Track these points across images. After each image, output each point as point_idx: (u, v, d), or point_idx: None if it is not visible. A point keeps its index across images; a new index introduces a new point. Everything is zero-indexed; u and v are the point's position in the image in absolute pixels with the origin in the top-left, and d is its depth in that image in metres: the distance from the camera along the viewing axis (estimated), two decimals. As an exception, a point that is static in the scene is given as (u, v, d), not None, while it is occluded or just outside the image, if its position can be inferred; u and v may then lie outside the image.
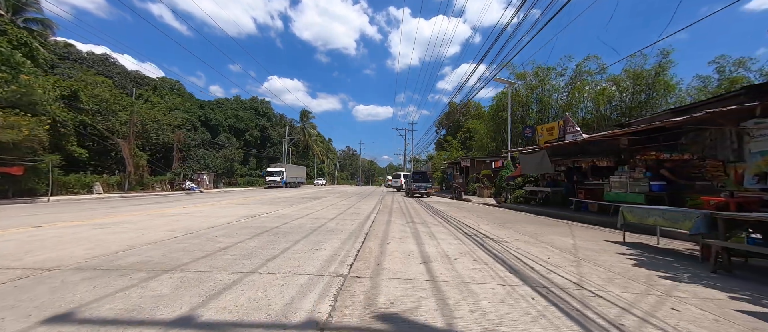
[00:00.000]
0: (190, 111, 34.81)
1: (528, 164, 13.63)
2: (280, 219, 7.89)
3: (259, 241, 5.12)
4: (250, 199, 15.81)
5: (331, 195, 21.97)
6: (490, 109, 29.42)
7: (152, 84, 36.57)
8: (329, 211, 10.41)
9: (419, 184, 21.05)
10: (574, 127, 12.28)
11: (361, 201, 16.55)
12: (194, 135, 33.41)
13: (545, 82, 25.55)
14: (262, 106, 57.06)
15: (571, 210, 11.11)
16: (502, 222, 8.60)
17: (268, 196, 18.94)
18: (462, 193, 18.87)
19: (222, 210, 10.15)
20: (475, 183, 21.21)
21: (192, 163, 31.93)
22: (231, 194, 22.36)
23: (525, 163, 13.85)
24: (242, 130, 47.32)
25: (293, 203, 13.56)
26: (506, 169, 18.34)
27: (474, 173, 21.74)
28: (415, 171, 23.09)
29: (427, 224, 7.86)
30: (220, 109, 44.54)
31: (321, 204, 13.52)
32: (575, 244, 5.54)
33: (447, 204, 15.25)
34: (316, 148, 79.07)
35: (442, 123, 59.35)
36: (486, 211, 12.03)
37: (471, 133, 31.24)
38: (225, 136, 39.75)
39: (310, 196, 19.38)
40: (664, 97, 23.36)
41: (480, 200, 18.04)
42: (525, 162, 13.83)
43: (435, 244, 5.24)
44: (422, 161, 78.34)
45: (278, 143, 56.04)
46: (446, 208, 12.90)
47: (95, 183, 20.09)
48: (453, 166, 27.44)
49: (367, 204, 14.47)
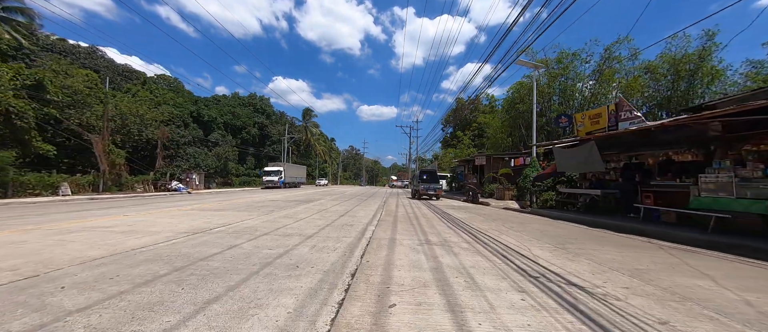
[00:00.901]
0: (181, 106, 32.58)
1: (567, 161, 10.94)
2: (233, 238, 5.35)
3: (128, 303, 2.57)
4: (229, 203, 13.33)
5: (328, 197, 19.44)
6: (505, 102, 26.71)
7: (142, 78, 34.44)
8: (313, 222, 7.85)
9: (428, 185, 18.43)
10: (632, 112, 9.55)
11: (360, 204, 13.99)
12: (184, 132, 31.15)
13: (568, 69, 22.74)
14: (261, 103, 54.84)
15: (631, 219, 8.42)
16: (558, 241, 5.95)
17: (253, 199, 16.47)
18: (478, 195, 16.21)
19: (166, 220, 7.64)
20: (491, 184, 18.53)
21: (181, 161, 29.66)
22: (217, 196, 19.95)
23: (563, 160, 11.17)
24: (239, 128, 45.07)
25: (275, 208, 11.05)
26: (531, 168, 15.65)
27: (490, 172, 19.06)
28: (422, 169, 20.47)
29: (449, 245, 5.25)
30: (216, 106, 42.34)
31: (308, 210, 10.98)
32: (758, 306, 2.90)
33: (464, 210, 12.61)
34: (318, 147, 76.84)
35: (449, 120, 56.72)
36: (518, 221, 9.37)
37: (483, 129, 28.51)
38: (219, 134, 37.49)
39: (303, 199, 16.87)
40: (709, 85, 20.40)
41: (500, 204, 15.37)
42: (563, 158, 11.15)
43: (482, 304, 2.65)
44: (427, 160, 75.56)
45: (278, 142, 53.77)
46: (466, 215, 10.27)
47: (62, 183, 17.80)
48: (464, 164, 24.77)
49: (366, 209, 11.90)
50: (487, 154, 19.38)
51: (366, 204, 14.06)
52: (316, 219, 8.25)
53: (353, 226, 7.18)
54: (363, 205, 13.57)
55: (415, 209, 12.42)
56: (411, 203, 15.89)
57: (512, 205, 15.26)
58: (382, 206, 13.48)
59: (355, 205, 13.38)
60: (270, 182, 36.86)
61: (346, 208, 11.79)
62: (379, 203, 15.19)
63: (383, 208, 12.35)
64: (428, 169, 21.64)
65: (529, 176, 15.35)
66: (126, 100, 25.70)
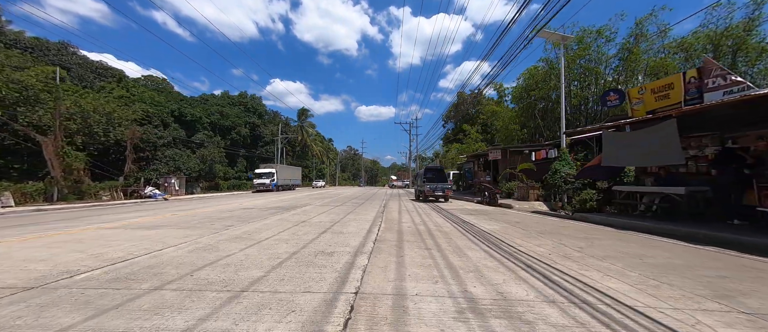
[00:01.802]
0: (161, 105, 29.79)
1: (624, 149, 8.24)
2: (62, 312, 2.62)
3: None
4: (188, 214, 10.62)
5: (318, 201, 16.71)
6: (516, 91, 24.02)
7: (117, 75, 31.65)
8: (275, 249, 5.15)
9: (434, 184, 15.72)
10: (728, 77, 6.85)
11: (354, 211, 11.27)
12: (163, 132, 28.36)
13: (589, 49, 20.05)
14: (253, 102, 52.11)
15: (740, 227, 5.71)
16: (707, 285, 3.23)
17: (226, 207, 13.74)
18: (496, 195, 13.50)
19: (32, 250, 4.91)
20: (509, 182, 15.83)
21: (159, 164, 26.88)
22: (191, 202, 17.23)
23: (616, 149, 8.47)
24: (228, 128, 42.31)
25: (238, 222, 8.33)
26: (561, 161, 12.97)
27: (507, 168, 16.36)
28: (427, 167, 17.75)
29: (518, 312, 2.52)
30: (202, 105, 39.57)
31: (282, 223, 8.27)
32: None
33: (485, 216, 9.89)
34: (315, 148, 74.17)
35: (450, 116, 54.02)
36: (568, 233, 6.65)
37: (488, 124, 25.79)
38: (205, 134, 34.70)
39: (286, 205, 14.14)
40: (754, 64, 17.71)
41: (524, 205, 12.66)
42: (616, 147, 8.45)
43: None
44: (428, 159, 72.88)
45: (271, 142, 51.05)
46: (495, 226, 7.55)
47: (4, 192, 15.05)
48: (473, 160, 22.05)
49: (359, 219, 9.19)
50: (502, 147, 16.70)
51: (361, 211, 11.33)
52: (283, 242, 5.52)
53: (334, 256, 4.45)
54: (357, 212, 10.84)
55: (423, 216, 9.70)
56: (416, 207, 13.17)
57: (540, 207, 12.55)
58: (381, 213, 10.74)
59: (348, 213, 10.65)
60: (261, 185, 34.16)
61: (334, 218, 9.06)
62: (377, 209, 12.46)
63: (383, 217, 9.62)
64: (434, 166, 18.94)
65: (558, 172, 12.66)
66: (90, 96, 22.89)
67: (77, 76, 28.70)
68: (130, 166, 22.69)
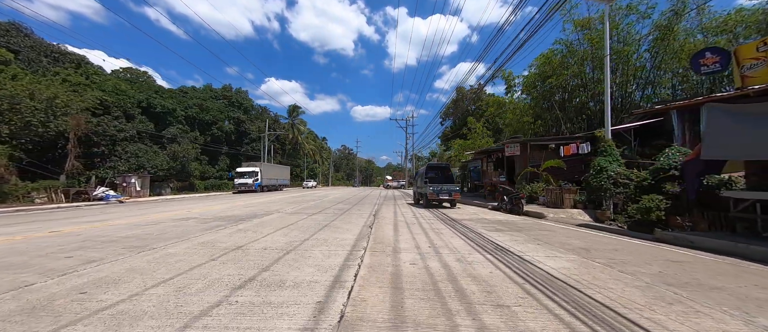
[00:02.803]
0: (123, 93, 26.15)
1: (745, 135, 5.16)
2: None
3: None
4: (80, 227, 7.33)
5: (293, 207, 13.50)
6: (527, 80, 20.99)
7: (76, 61, 27.95)
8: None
9: (439, 186, 12.56)
10: None
11: (333, 223, 8.05)
12: (127, 125, 24.78)
13: (617, 27, 17.10)
14: (238, 96, 48.56)
15: None
16: None
17: (173, 213, 10.46)
18: (522, 202, 10.39)
19: None
20: (531, 182, 12.76)
21: (118, 161, 23.32)
22: (145, 206, 13.90)
23: (734, 133, 5.38)
24: (208, 123, 38.73)
25: (139, 248, 5.11)
26: (606, 157, 9.95)
27: (528, 166, 13.29)
28: (429, 165, 14.51)
29: None
30: (178, 97, 35.96)
31: (197, 255, 5.08)
32: None
33: (520, 233, 6.73)
34: (307, 146, 70.72)
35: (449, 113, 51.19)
36: (721, 284, 3.50)
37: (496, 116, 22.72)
38: (178, 129, 31.14)
39: (248, 213, 10.91)
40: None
41: (559, 214, 9.56)
42: (734, 131, 5.35)
43: None
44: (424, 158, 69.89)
45: (258, 139, 47.55)
46: (565, 264, 4.36)
47: None
48: (482, 157, 18.90)
49: (331, 244, 6.01)
50: (522, 141, 13.56)
51: (341, 225, 8.11)
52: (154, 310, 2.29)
53: None
54: (335, 227, 7.62)
55: (430, 235, 6.51)
56: (417, 216, 10.00)
57: (581, 217, 9.48)
58: (370, 227, 7.54)
59: (321, 227, 7.43)
60: (243, 185, 30.79)
61: (294, 240, 5.84)
62: (364, 219, 9.26)
63: (370, 235, 6.43)
64: (437, 164, 15.78)
65: (605, 170, 9.61)
66: (26, 79, 19.27)
67: (27, 60, 25.02)
68: (73, 163, 19.13)
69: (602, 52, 17.43)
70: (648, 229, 8.12)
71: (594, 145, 12.98)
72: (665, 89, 17.98)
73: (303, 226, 7.51)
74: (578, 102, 18.89)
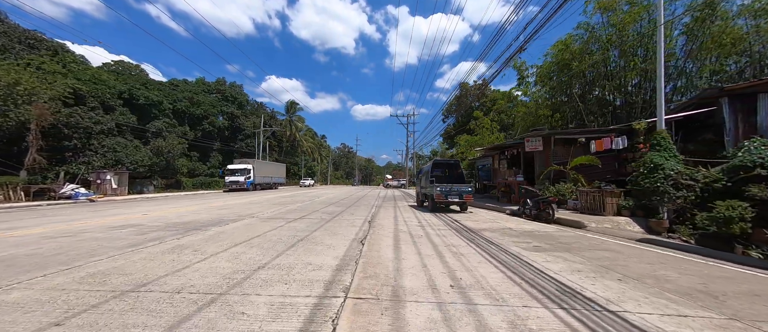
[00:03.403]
0: (102, 83, 24.11)
1: None
2: None
3: None
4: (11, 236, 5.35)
5: (277, 210, 11.57)
6: (542, 70, 18.97)
7: (53, 48, 25.91)
8: None
9: (447, 186, 10.54)
10: None
11: (312, 236, 6.06)
12: (104, 117, 22.77)
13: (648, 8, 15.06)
14: (232, 91, 46.54)
15: None
16: None
17: (130, 217, 8.49)
18: (553, 207, 8.39)
19: None
20: (557, 183, 10.76)
21: (93, 156, 21.34)
22: (116, 207, 11.96)
23: None
24: (199, 117, 36.76)
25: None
26: (661, 152, 8.00)
27: (552, 164, 11.29)
28: (436, 161, 12.36)
29: None
30: (167, 89, 33.97)
31: (88, 291, 2.99)
32: None
33: (572, 254, 4.72)
34: (305, 144, 68.73)
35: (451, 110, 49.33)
36: None
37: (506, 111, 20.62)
38: (165, 122, 29.15)
39: (217, 218, 8.96)
40: None
41: (604, 224, 7.57)
42: None
43: None
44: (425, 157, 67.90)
45: (253, 135, 45.61)
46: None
47: None
48: (494, 154, 16.80)
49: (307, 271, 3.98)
50: (545, 134, 11.47)
51: (326, 234, 6.12)
52: None
53: None
54: (318, 237, 5.64)
55: (450, 259, 4.53)
56: (422, 223, 8.03)
57: (629, 227, 7.52)
58: (361, 243, 5.55)
59: (297, 242, 5.45)
60: (234, 183, 28.89)
61: (250, 264, 3.87)
62: (356, 229, 7.28)
63: (359, 257, 4.45)
64: (445, 161, 13.69)
65: (661, 168, 7.62)
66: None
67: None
68: (34, 157, 17.14)
69: (631, 34, 15.45)
70: (726, 245, 6.15)
71: (630, 139, 11.03)
72: (701, 80, 15.95)
73: (271, 240, 5.53)
74: (600, 93, 16.87)
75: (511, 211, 10.42)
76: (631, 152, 11.14)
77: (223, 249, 4.76)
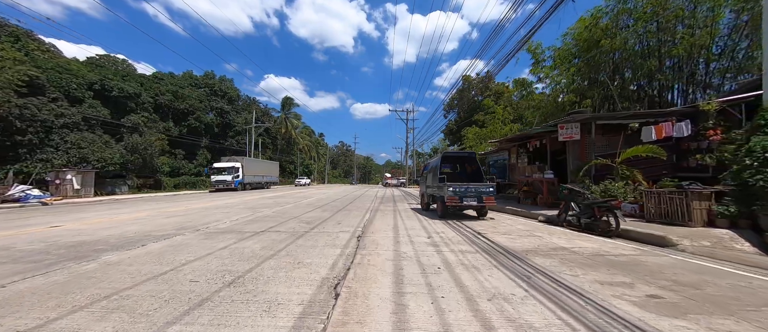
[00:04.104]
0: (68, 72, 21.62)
1: None
2: None
3: None
4: None
5: (240, 216, 9.18)
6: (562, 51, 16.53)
7: (15, 35, 23.42)
8: None
9: (463, 186, 8.12)
10: None
11: (271, 264, 3.66)
12: (70, 109, 20.32)
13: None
14: (222, 85, 44.00)
15: None
16: None
17: (24, 234, 6.07)
18: (615, 214, 5.98)
19: None
20: (603, 182, 8.33)
21: (54, 153, 18.89)
22: (55, 215, 9.56)
23: None
24: (184, 113, 34.30)
25: None
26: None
27: (593, 157, 8.87)
28: (445, 154, 9.66)
29: None
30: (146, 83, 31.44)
31: None
32: None
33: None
34: (301, 142, 66.21)
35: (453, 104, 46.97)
36: None
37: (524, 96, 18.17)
38: (144, 117, 26.69)
39: (154, 231, 6.55)
40: None
41: (700, 240, 5.19)
42: None
43: None
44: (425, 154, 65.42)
45: (244, 132, 43.17)
46: None
47: None
48: (512, 147, 14.25)
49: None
50: (585, 120, 8.93)
51: (288, 264, 3.70)
52: None
53: None
54: (268, 272, 3.24)
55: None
56: (436, 240, 5.64)
57: (738, 246, 5.07)
58: (335, 294, 3.15)
59: (210, 295, 3.05)
60: (220, 183, 26.51)
61: None
62: (337, 254, 4.87)
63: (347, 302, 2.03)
64: (458, 154, 11.00)
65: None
66: None
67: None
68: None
69: (665, 18, 12.99)
70: None
71: (694, 124, 8.65)
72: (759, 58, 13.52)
73: (175, 286, 3.13)
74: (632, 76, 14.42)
75: (545, 218, 8.03)
76: (696, 140, 8.79)
77: (93, 302, 2.36)
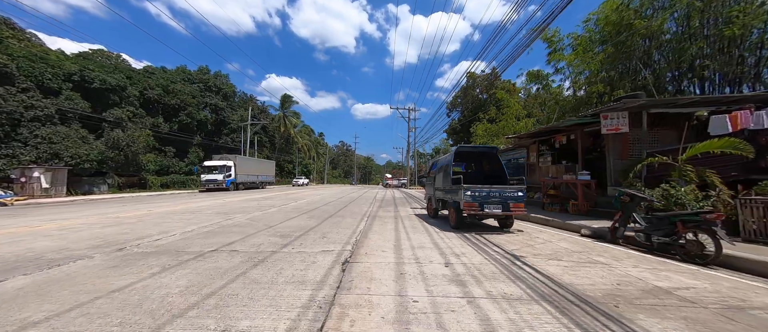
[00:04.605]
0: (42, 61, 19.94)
1: None
2: None
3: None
4: None
5: (200, 226, 7.38)
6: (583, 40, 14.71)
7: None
8: None
9: (486, 190, 6.32)
10: None
11: (183, 322, 1.90)
12: (43, 101, 18.62)
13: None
14: (216, 81, 42.34)
15: None
16: None
17: None
18: (716, 234, 4.17)
19: None
20: (656, 186, 6.50)
21: (23, 148, 17.19)
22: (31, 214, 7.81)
23: None
24: (175, 108, 32.60)
25: None
26: None
27: (645, 153, 7.08)
28: (460, 149, 7.65)
29: None
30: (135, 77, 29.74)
31: None
32: None
33: None
34: (300, 141, 64.44)
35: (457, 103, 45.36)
36: None
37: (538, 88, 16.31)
38: (129, 112, 24.98)
39: (44, 254, 4.72)
40: None
41: None
42: None
43: None
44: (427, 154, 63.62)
45: (240, 130, 41.46)
46: None
47: None
48: (532, 144, 12.35)
49: None
50: (634, 107, 7.07)
51: (216, 324, 1.93)
52: None
53: None
54: None
55: None
56: (454, 265, 3.85)
57: None
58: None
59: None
60: (211, 182, 24.84)
61: None
62: (300, 306, 3.02)
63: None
64: (476, 149, 8.60)
65: None
66: None
67: None
68: None
69: None
70: None
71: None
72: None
73: None
74: (683, 60, 12.55)
75: (591, 232, 6.22)
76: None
77: None
